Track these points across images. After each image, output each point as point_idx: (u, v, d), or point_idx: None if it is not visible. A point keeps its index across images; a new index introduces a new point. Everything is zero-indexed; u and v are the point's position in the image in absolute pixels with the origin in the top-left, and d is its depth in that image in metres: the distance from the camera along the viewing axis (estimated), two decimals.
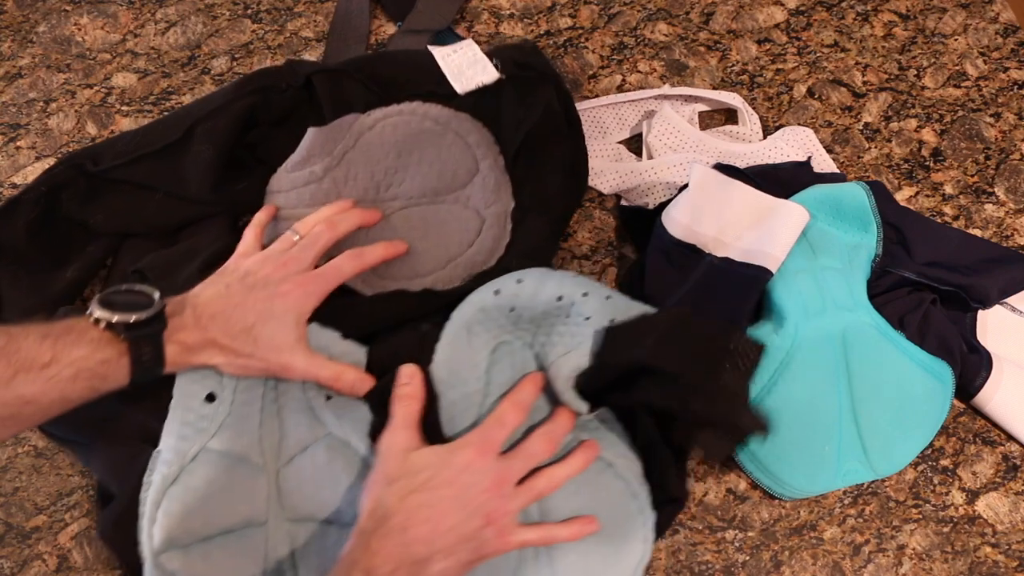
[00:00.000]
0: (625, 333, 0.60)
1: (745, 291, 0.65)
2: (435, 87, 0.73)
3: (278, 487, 0.58)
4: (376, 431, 0.59)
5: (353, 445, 0.59)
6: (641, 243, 0.73)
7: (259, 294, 0.58)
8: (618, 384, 0.60)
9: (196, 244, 0.69)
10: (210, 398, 0.58)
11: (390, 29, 0.86)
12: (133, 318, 0.53)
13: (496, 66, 0.73)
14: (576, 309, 0.62)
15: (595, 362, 0.60)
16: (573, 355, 0.60)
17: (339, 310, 0.63)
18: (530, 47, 0.77)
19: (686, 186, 0.71)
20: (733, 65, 0.85)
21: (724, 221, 0.68)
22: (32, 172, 0.77)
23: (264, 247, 0.65)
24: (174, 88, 0.83)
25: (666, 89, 0.81)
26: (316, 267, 0.63)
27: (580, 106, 0.81)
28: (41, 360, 0.50)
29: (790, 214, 0.67)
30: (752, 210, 0.68)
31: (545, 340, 0.63)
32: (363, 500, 0.54)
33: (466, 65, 0.74)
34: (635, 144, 0.81)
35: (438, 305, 0.65)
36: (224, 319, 0.57)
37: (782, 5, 0.88)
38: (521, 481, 0.56)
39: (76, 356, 0.51)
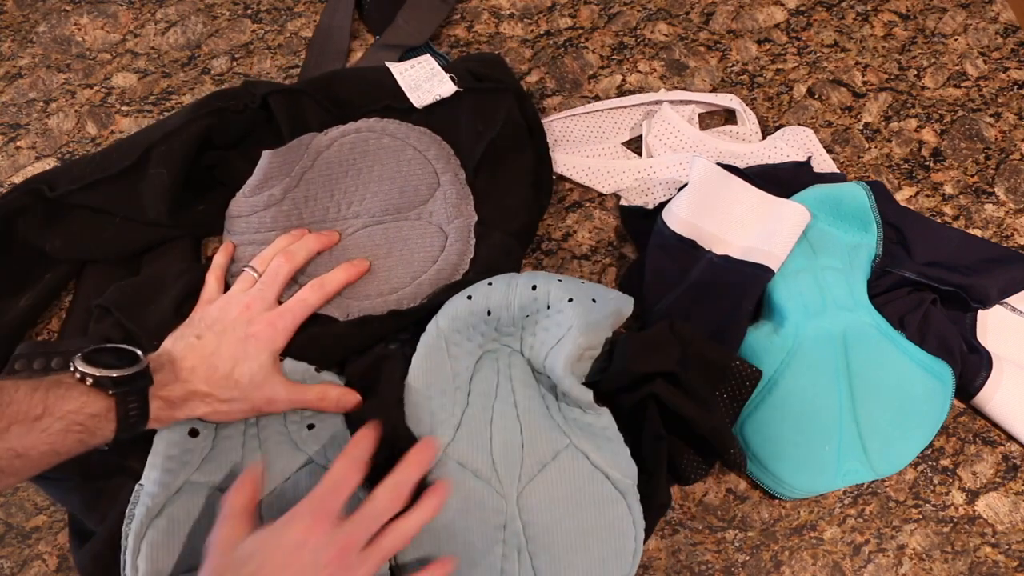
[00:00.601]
0: (648, 341, 0.61)
1: (745, 289, 0.65)
2: (392, 102, 0.74)
3: (262, 517, 0.57)
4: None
5: None
6: (641, 243, 0.73)
7: (230, 338, 0.59)
8: (629, 386, 0.61)
9: (161, 272, 0.69)
10: (193, 433, 0.59)
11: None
12: (117, 374, 0.53)
13: (453, 79, 0.74)
14: (555, 294, 0.62)
15: (617, 367, 0.60)
16: (566, 341, 0.60)
17: (308, 341, 0.63)
18: (494, 59, 0.77)
19: (686, 185, 0.71)
20: (733, 65, 0.85)
21: (725, 218, 0.68)
22: (32, 172, 0.77)
23: (226, 286, 0.66)
24: (174, 88, 0.83)
25: (663, 94, 0.81)
26: (280, 302, 0.63)
27: (574, 111, 0.81)
28: (33, 413, 0.49)
29: (791, 213, 0.67)
30: (753, 208, 0.68)
31: (533, 340, 0.62)
32: None
33: (423, 79, 0.75)
34: (635, 145, 0.81)
35: (406, 324, 0.65)
36: (203, 369, 0.57)
37: (782, 5, 0.88)
38: (369, 541, 0.51)
39: (67, 410, 0.51)
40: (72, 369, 0.53)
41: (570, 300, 0.61)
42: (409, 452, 0.55)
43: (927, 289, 0.68)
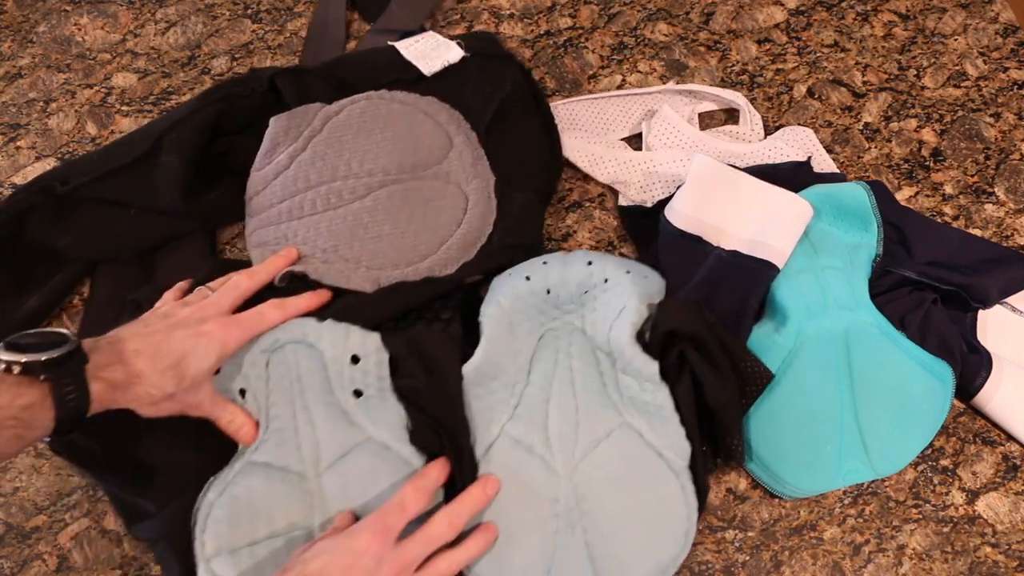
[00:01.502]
0: (683, 305, 0.63)
1: (752, 286, 0.66)
2: (399, 75, 0.75)
3: (321, 492, 0.59)
4: (413, 434, 0.60)
5: (394, 448, 0.60)
6: (640, 243, 0.73)
7: (181, 333, 0.57)
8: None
9: (183, 265, 0.69)
10: (242, 393, 0.61)
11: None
12: (45, 357, 0.49)
13: (460, 44, 0.76)
14: (611, 268, 0.64)
15: (654, 334, 0.61)
16: (629, 310, 0.61)
17: (343, 309, 0.64)
18: (488, 36, 0.79)
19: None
20: (733, 65, 0.84)
21: (726, 209, 0.68)
22: (32, 172, 0.77)
23: None
24: (174, 88, 0.83)
25: (671, 85, 0.81)
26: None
27: (583, 99, 0.81)
28: None
29: (794, 207, 0.67)
30: (755, 200, 0.68)
31: (594, 316, 0.64)
32: None
33: (430, 48, 0.76)
34: (635, 144, 0.81)
35: (438, 291, 0.66)
36: (150, 355, 0.54)
37: (782, 5, 0.88)
38: (423, 563, 0.55)
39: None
40: None
41: (627, 272, 0.63)
42: (472, 487, 0.59)
43: (928, 289, 0.68)
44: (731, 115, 0.82)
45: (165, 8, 0.87)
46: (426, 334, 0.63)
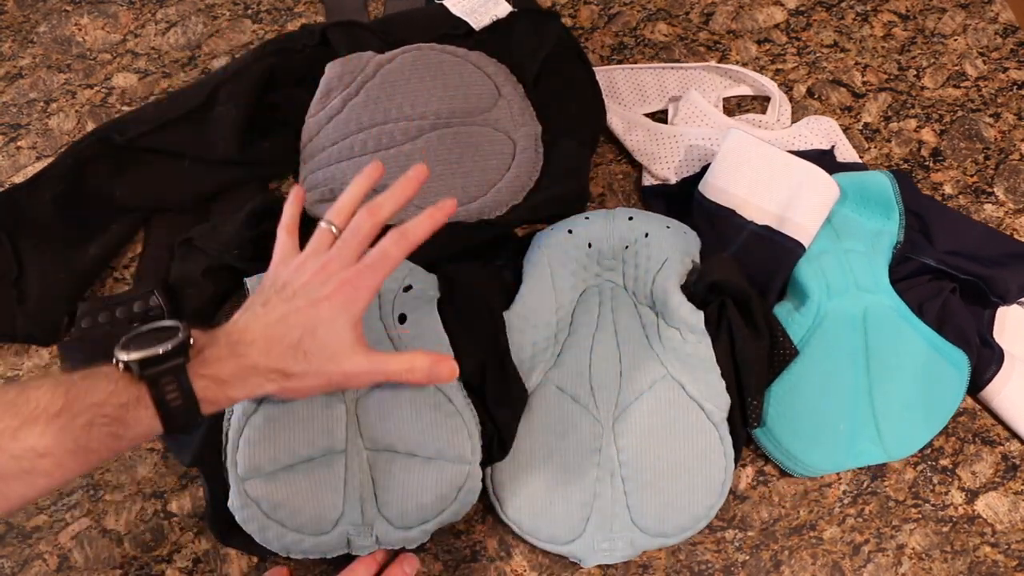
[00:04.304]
0: (734, 262, 0.64)
1: (782, 261, 0.66)
2: (449, 30, 0.77)
3: (357, 417, 0.59)
4: (461, 372, 0.58)
5: None
6: None
7: (300, 303, 0.52)
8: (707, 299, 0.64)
9: (235, 203, 0.70)
10: None
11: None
12: (142, 354, 0.47)
13: (507, 0, 0.78)
14: (653, 223, 0.65)
15: (701, 281, 0.63)
16: (673, 261, 0.63)
17: None
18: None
19: (707, 166, 0.71)
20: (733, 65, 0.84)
21: (759, 186, 0.69)
22: (33, 172, 0.77)
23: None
24: (174, 88, 0.83)
25: (710, 63, 0.82)
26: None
27: (622, 67, 0.83)
28: (52, 409, 0.46)
29: (822, 185, 0.67)
30: (786, 176, 0.68)
31: (636, 271, 0.65)
32: None
33: (478, 4, 0.78)
34: (661, 122, 0.80)
35: (491, 233, 0.69)
36: (263, 341, 0.51)
37: (782, 5, 0.88)
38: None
39: (90, 402, 0.46)
40: (114, 359, 0.48)
41: (667, 227, 0.65)
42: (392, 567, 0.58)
43: (947, 278, 0.69)
44: (751, 102, 0.81)
45: (165, 8, 0.87)
46: (476, 268, 0.64)
